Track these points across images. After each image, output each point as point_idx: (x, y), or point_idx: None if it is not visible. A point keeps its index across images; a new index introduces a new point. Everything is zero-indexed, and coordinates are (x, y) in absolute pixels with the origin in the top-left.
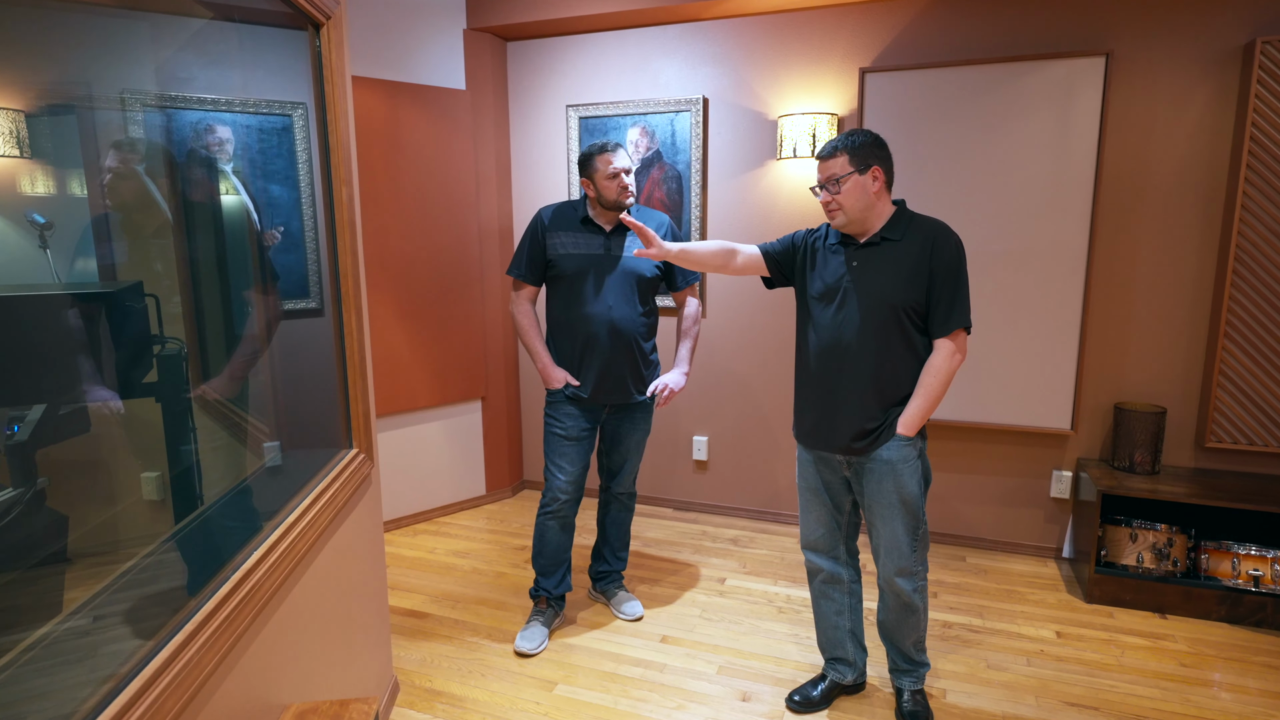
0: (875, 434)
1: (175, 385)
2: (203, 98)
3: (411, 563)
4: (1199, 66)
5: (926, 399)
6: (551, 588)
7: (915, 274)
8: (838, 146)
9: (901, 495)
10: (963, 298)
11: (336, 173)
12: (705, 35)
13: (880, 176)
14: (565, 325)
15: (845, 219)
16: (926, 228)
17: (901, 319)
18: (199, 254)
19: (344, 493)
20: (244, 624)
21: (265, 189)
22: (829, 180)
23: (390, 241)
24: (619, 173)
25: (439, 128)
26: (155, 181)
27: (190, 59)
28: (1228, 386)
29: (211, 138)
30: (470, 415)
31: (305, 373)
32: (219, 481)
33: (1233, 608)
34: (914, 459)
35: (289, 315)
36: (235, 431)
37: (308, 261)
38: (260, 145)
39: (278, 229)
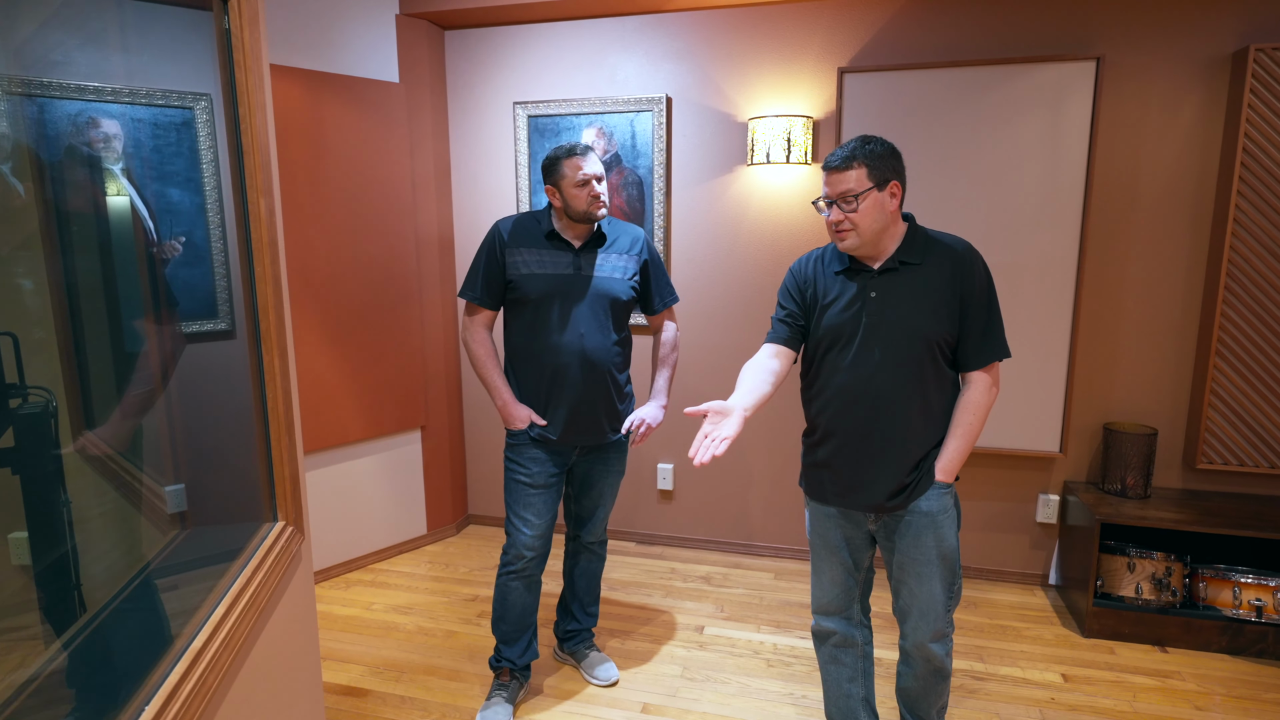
0: (912, 487)
1: (40, 451)
2: (84, 86)
3: (346, 624)
4: (1189, 73)
5: (965, 440)
6: (516, 658)
7: (944, 301)
8: (854, 157)
9: (941, 550)
10: (997, 324)
11: (252, 181)
12: (668, 28)
13: (899, 193)
14: (529, 356)
15: (858, 241)
16: (949, 248)
17: (934, 353)
18: (78, 271)
19: (270, 582)
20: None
21: (162, 193)
22: (842, 197)
23: (314, 253)
24: (589, 179)
25: (369, 124)
26: (21, 183)
27: (66, 38)
28: (1219, 406)
29: (95, 133)
30: (408, 447)
31: (213, 416)
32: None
33: (1234, 639)
34: (952, 507)
35: (194, 339)
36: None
37: (215, 275)
38: (155, 142)
39: (178, 239)
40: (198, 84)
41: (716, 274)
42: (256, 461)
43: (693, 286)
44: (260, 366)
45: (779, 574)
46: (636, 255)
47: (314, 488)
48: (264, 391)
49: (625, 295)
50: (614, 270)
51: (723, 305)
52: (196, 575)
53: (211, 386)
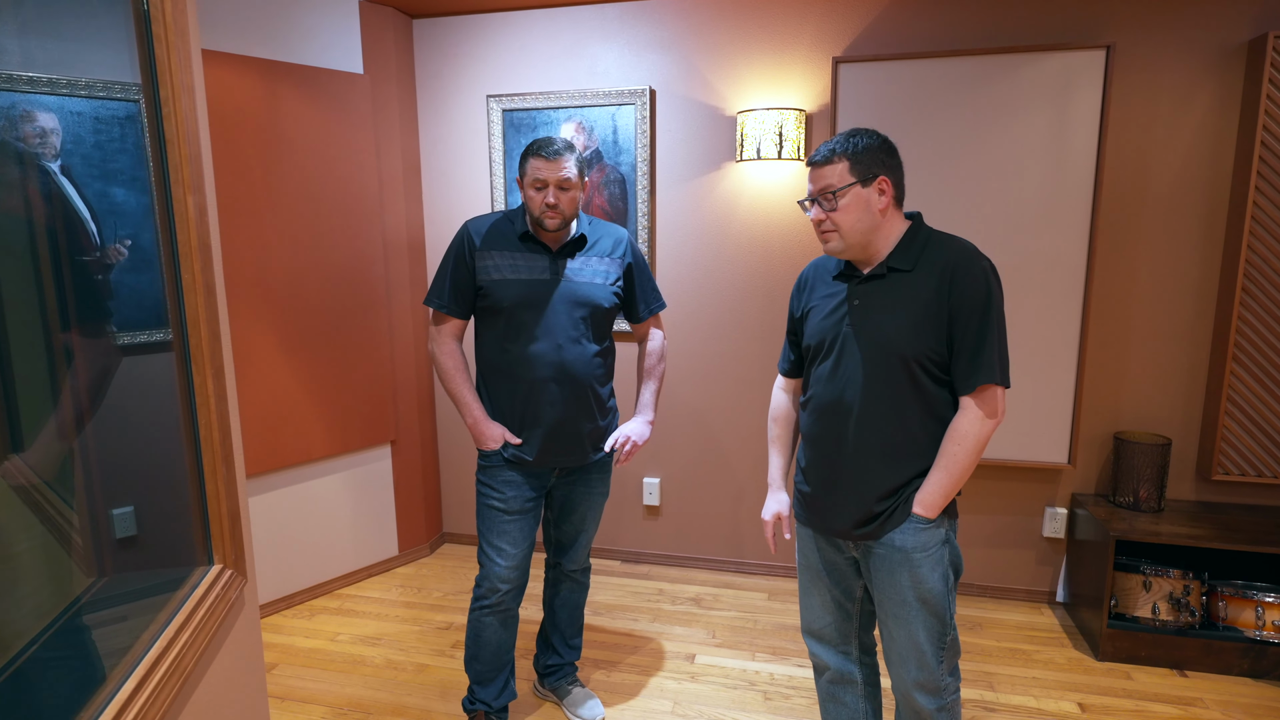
0: (884, 516)
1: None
2: (16, 76)
3: (308, 657)
4: (1203, 62)
5: (949, 473)
6: (491, 699)
7: (929, 314)
8: (835, 150)
9: (920, 592)
10: (992, 343)
11: (177, 175)
12: (651, 17)
13: (888, 189)
14: (502, 369)
15: (842, 244)
16: (945, 252)
17: (915, 373)
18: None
19: (202, 636)
20: None
21: (105, 193)
22: (823, 193)
23: (272, 257)
24: (546, 183)
25: (331, 119)
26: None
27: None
28: (1236, 414)
29: (30, 127)
30: (378, 463)
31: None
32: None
33: (1256, 661)
34: (936, 546)
35: (140, 350)
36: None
37: (164, 282)
38: (97, 138)
39: (123, 242)
40: (141, 75)
41: (705, 277)
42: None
43: (680, 291)
44: (191, 388)
45: (772, 594)
46: (619, 258)
47: (275, 510)
48: (195, 417)
49: (607, 302)
50: (595, 275)
51: (711, 311)
52: (113, 632)
53: (153, 404)
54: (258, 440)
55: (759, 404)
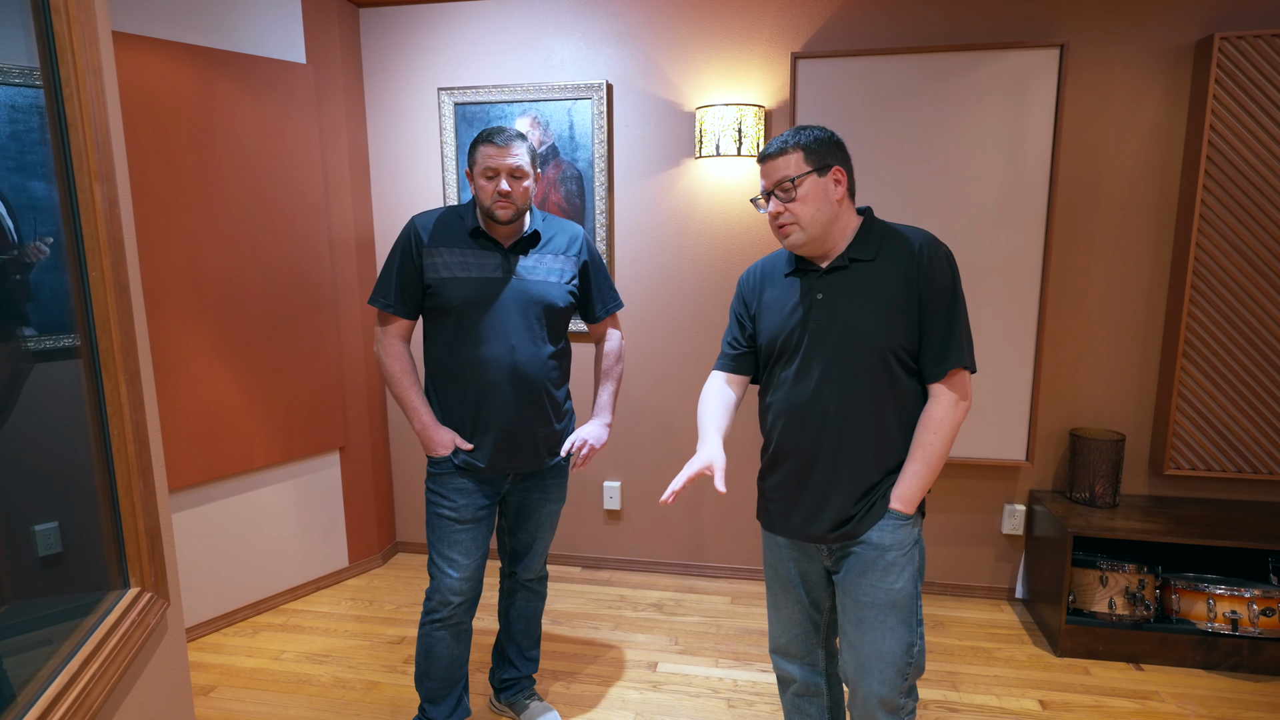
0: (860, 515)
1: None
2: None
3: (249, 678)
4: (1154, 62)
5: (926, 464)
6: (444, 717)
7: (900, 302)
8: (788, 142)
9: (891, 595)
10: (961, 328)
11: (82, 163)
12: (607, 9)
13: (843, 179)
14: (452, 372)
15: (804, 236)
16: (906, 240)
17: (890, 364)
18: None
19: (116, 667)
20: None
21: (22, 186)
22: (779, 185)
23: (207, 255)
24: (496, 172)
25: (272, 110)
26: None
27: None
28: (1187, 410)
29: None
30: (326, 471)
31: (66, 448)
32: None
33: (1209, 653)
34: (909, 545)
35: (56, 355)
36: None
37: (69, 279)
38: (13, 127)
39: (44, 239)
40: None
41: (664, 276)
42: (101, 515)
43: (638, 290)
44: (101, 396)
45: (735, 597)
46: (575, 256)
47: (213, 523)
48: (106, 427)
49: (562, 301)
50: (549, 273)
51: (671, 310)
52: (13, 664)
53: (67, 413)
54: (193, 450)
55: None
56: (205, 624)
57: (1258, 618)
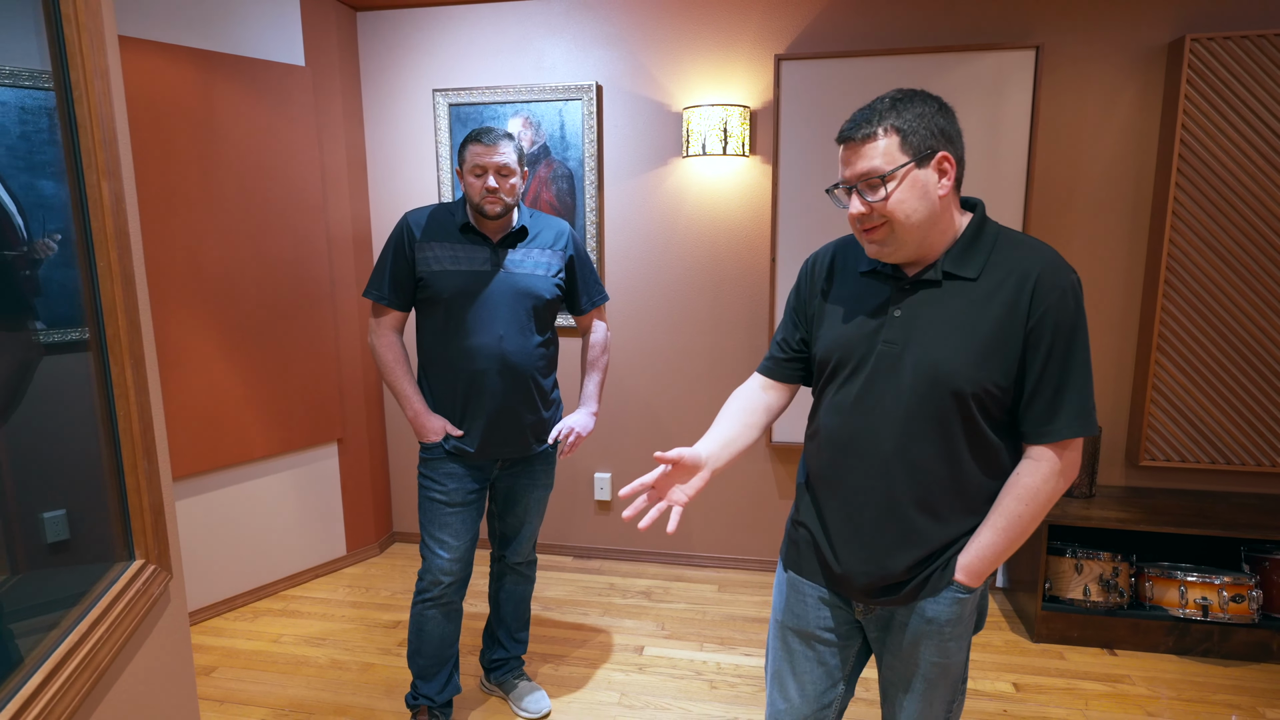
0: (915, 583)
1: None
2: None
3: (249, 659)
4: (1127, 63)
5: (1006, 535)
6: (435, 694)
7: (999, 339)
8: (881, 120)
9: (945, 668)
10: (1080, 383)
11: (90, 160)
12: (597, 13)
13: (951, 169)
14: (442, 361)
15: (896, 245)
16: (1023, 260)
17: (971, 411)
18: None
19: (120, 634)
20: None
21: (32, 185)
22: (866, 180)
23: (208, 251)
24: (484, 169)
25: (271, 111)
26: None
27: None
28: (1161, 402)
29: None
30: (324, 461)
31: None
32: None
33: (1180, 639)
34: (968, 618)
35: (65, 348)
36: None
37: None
38: (23, 128)
39: (53, 236)
40: None
41: (652, 271)
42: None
43: (627, 284)
44: (108, 379)
45: (722, 585)
46: (561, 250)
47: (214, 511)
48: (113, 409)
49: (549, 294)
50: (536, 267)
51: (659, 304)
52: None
53: (77, 399)
54: (193, 439)
55: (707, 398)
56: (206, 608)
57: (1227, 604)
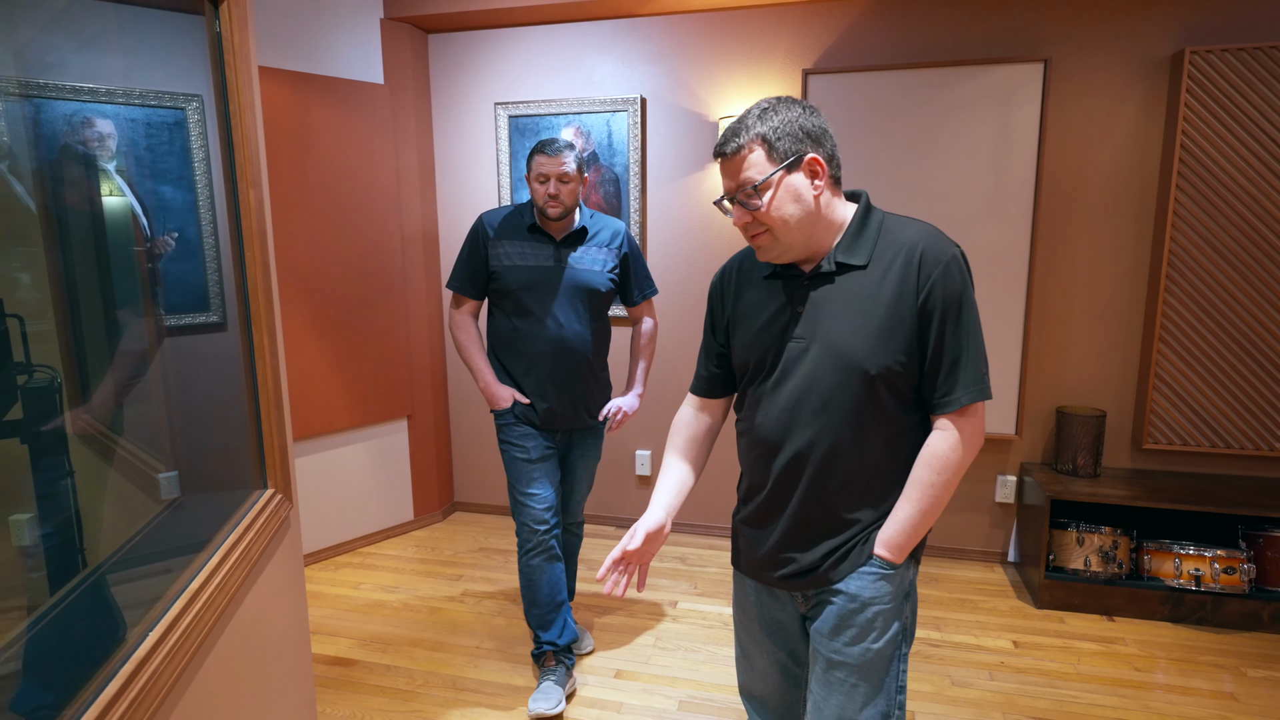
0: (836, 559)
1: (46, 422)
2: (79, 87)
3: (334, 601)
4: (1131, 75)
5: (920, 507)
6: (557, 638)
7: (894, 319)
8: (746, 133)
9: (866, 656)
10: (972, 351)
11: (242, 174)
12: (642, 32)
13: (822, 169)
14: (510, 344)
15: (778, 248)
16: (908, 241)
17: (879, 391)
18: (75, 264)
19: (260, 542)
20: (153, 707)
21: (155, 190)
22: (741, 190)
23: (300, 249)
24: (548, 177)
25: (354, 124)
26: (20, 181)
27: (62, 40)
28: (1163, 389)
29: (90, 132)
30: (395, 435)
31: (206, 398)
32: (108, 535)
33: (1175, 607)
34: (896, 600)
35: (185, 331)
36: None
37: (206, 270)
38: (149, 142)
39: (171, 235)
40: (188, 85)
41: (691, 267)
42: (248, 435)
43: (668, 280)
44: (250, 345)
45: None
46: (616, 249)
47: (303, 474)
48: (254, 369)
49: (604, 287)
50: (593, 263)
51: (697, 298)
52: (187, 536)
53: (205, 374)
54: (290, 411)
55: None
56: None
57: (1219, 575)
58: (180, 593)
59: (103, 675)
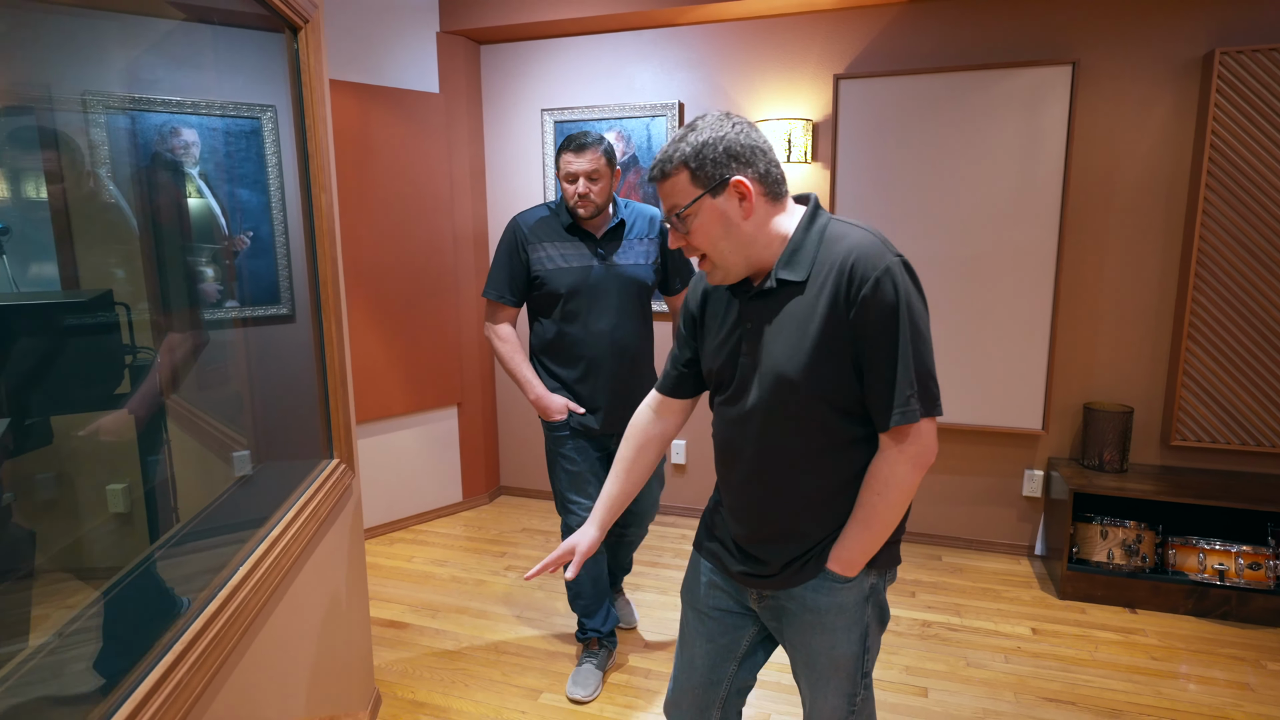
0: (791, 570)
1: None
2: (168, 100)
3: (389, 572)
4: (1161, 76)
5: (868, 527)
6: (600, 626)
7: (832, 334)
8: (672, 158)
9: (834, 657)
10: (909, 369)
11: (315, 179)
12: (680, 40)
13: (749, 190)
14: (559, 350)
15: (723, 272)
16: (841, 253)
17: (822, 409)
18: (165, 259)
19: (326, 504)
20: (231, 643)
21: (233, 193)
22: (673, 215)
23: (362, 247)
24: (575, 176)
25: (412, 131)
26: (119, 185)
27: (156, 60)
28: (1191, 386)
29: (177, 140)
30: (446, 422)
31: (277, 381)
32: (197, 496)
33: (1199, 601)
34: (854, 607)
35: (259, 322)
36: (209, 443)
37: (278, 267)
38: (228, 148)
39: (246, 233)
40: (264, 97)
41: None
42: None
43: None
44: (320, 331)
45: None
46: (655, 238)
47: (362, 455)
48: (323, 352)
49: (649, 280)
50: (637, 256)
51: None
52: (267, 498)
53: (277, 360)
54: None
55: None
56: None
57: (1244, 570)
58: (262, 539)
59: (196, 607)
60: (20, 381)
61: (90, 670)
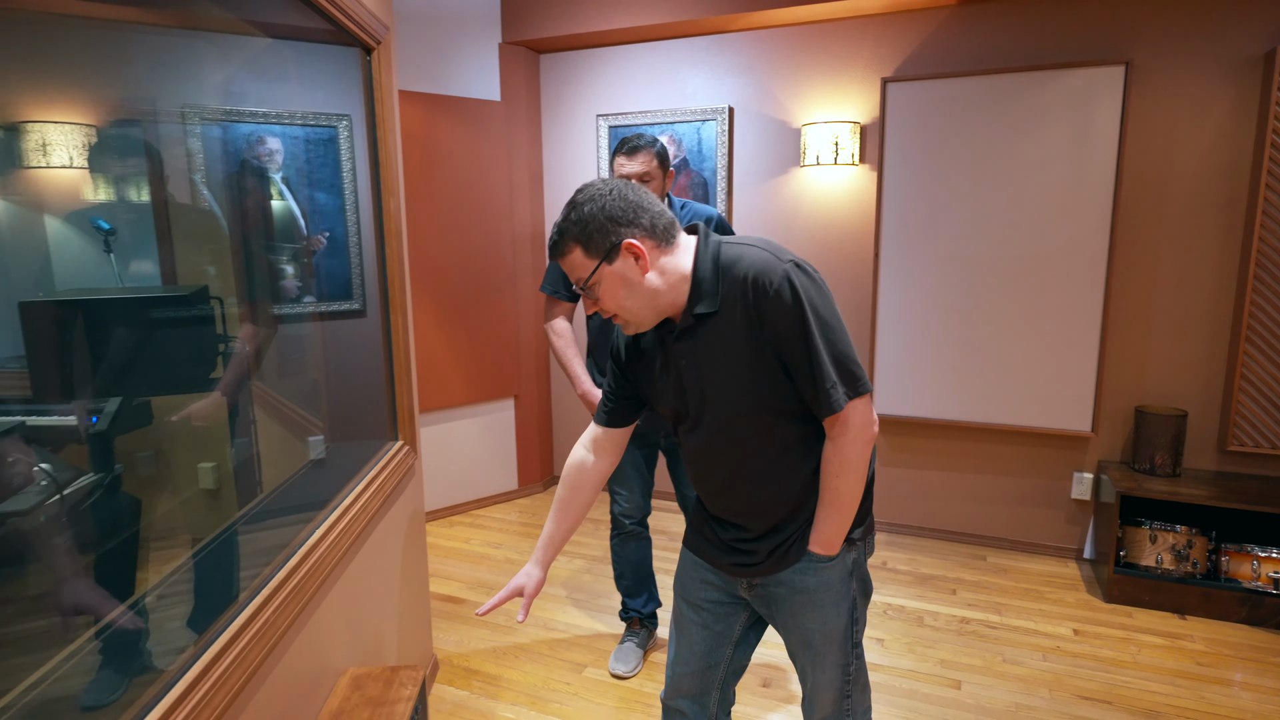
0: (776, 557)
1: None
2: (255, 111)
3: (447, 552)
4: (1219, 75)
5: (837, 508)
6: (641, 608)
7: (756, 351)
8: (564, 234)
9: (826, 631)
10: (828, 362)
11: (385, 185)
12: (731, 47)
13: (641, 249)
14: (606, 347)
15: (635, 324)
16: (740, 275)
17: (773, 419)
18: (252, 257)
19: (391, 481)
20: (309, 593)
21: (311, 196)
22: (578, 286)
23: (427, 246)
24: (629, 177)
25: (474, 137)
26: (211, 190)
27: (246, 75)
28: (1249, 390)
29: (262, 148)
30: (503, 412)
31: (349, 370)
32: (280, 468)
33: (1253, 610)
34: (839, 583)
35: (334, 316)
36: (289, 424)
37: (351, 265)
38: (307, 155)
39: (323, 234)
40: (340, 107)
41: None
42: (384, 397)
43: None
44: (388, 323)
45: None
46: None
47: (424, 442)
48: (390, 343)
49: None
50: None
51: None
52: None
53: (349, 352)
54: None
55: None
56: None
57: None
58: (333, 509)
59: (282, 557)
60: (126, 367)
61: (203, 603)
